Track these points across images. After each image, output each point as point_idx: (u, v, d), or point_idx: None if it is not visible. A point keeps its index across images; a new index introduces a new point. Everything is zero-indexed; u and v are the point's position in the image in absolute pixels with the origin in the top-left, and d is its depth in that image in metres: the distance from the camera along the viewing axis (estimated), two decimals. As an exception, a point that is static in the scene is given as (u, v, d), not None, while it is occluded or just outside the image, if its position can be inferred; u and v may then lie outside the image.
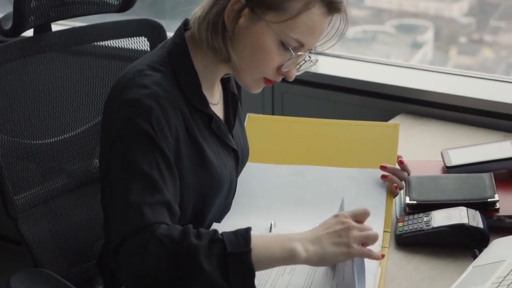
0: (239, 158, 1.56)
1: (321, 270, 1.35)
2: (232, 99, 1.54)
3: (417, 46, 3.33)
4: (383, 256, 1.32)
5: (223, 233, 1.24)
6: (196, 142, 1.41)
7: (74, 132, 1.70)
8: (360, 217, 1.33)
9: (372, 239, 1.30)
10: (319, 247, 1.27)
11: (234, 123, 1.54)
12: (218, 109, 1.50)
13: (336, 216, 1.32)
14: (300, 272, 1.34)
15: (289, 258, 1.26)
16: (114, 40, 1.74)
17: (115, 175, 1.31)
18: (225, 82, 1.53)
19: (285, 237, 1.28)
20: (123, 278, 1.28)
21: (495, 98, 2.18)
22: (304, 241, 1.27)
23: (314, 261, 1.27)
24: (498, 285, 1.21)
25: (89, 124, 1.72)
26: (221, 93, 1.53)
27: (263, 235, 1.34)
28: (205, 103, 1.43)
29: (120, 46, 1.76)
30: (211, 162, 1.44)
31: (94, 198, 1.71)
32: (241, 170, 1.61)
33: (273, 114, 2.46)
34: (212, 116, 1.45)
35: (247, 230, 1.25)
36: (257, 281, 1.25)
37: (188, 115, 1.40)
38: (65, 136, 1.69)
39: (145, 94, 1.33)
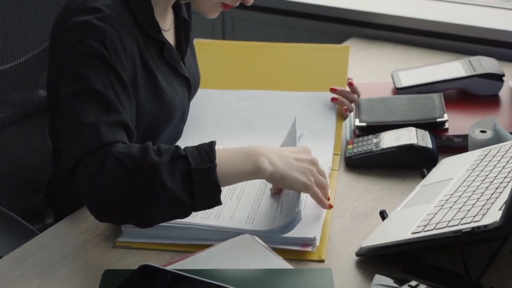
0: (191, 86, 1.53)
1: (268, 193, 1.35)
2: (184, 26, 1.50)
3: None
4: (330, 206, 1.29)
5: (186, 149, 1.20)
6: (149, 69, 1.37)
7: (16, 62, 1.64)
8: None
9: (326, 188, 1.29)
10: (284, 164, 1.24)
11: (186, 50, 1.51)
12: (169, 36, 1.46)
13: (303, 147, 1.30)
14: (247, 196, 1.34)
15: (254, 172, 1.23)
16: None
17: (68, 99, 1.25)
18: (176, 8, 1.49)
19: (251, 151, 1.24)
20: (83, 200, 1.22)
21: (446, 19, 2.17)
22: (270, 155, 1.24)
23: (276, 178, 1.24)
24: (445, 203, 1.22)
25: (32, 53, 1.66)
26: (173, 20, 1.49)
27: (227, 149, 1.26)
28: (157, 29, 1.39)
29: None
30: (163, 90, 1.41)
31: (39, 130, 1.66)
32: (192, 98, 1.58)
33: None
34: (164, 43, 1.41)
35: (211, 145, 1.21)
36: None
37: (141, 41, 1.36)
38: (7, 66, 1.62)
39: (96, 17, 1.28)
